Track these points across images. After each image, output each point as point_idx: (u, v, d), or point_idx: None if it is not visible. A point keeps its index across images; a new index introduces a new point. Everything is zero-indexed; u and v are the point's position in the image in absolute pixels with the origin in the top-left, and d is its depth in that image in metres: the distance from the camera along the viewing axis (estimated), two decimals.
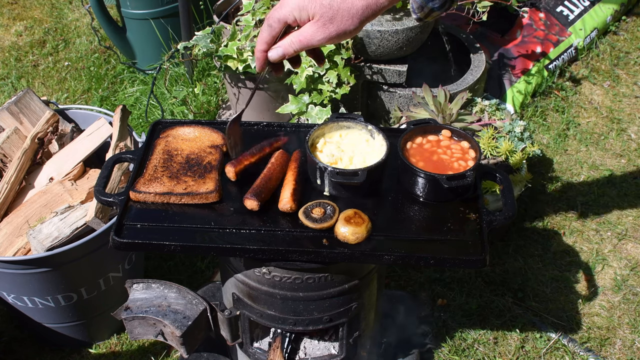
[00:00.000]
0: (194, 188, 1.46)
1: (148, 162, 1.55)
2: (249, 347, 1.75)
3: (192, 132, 1.64)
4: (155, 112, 3.29)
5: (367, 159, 1.50)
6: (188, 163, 1.54)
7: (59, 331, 2.20)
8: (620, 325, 2.34)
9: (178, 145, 1.60)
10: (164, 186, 1.47)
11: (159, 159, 1.55)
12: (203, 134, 1.63)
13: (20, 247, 2.01)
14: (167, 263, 2.56)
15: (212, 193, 1.44)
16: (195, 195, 1.44)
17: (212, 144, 1.60)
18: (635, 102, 3.44)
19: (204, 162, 1.54)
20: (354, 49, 2.69)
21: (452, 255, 1.36)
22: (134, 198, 1.46)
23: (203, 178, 1.49)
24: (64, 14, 4.38)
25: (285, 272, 1.46)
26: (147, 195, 1.45)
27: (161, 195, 1.44)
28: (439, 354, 2.24)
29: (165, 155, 1.56)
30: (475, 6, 2.81)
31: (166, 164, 1.54)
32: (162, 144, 1.60)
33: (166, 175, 1.50)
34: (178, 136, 1.63)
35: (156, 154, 1.57)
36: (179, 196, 1.44)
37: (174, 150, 1.58)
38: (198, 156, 1.56)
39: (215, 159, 1.56)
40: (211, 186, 1.46)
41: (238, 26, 2.80)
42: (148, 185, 1.47)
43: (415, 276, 2.51)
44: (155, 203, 1.45)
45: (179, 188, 1.46)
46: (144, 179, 1.49)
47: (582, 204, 2.82)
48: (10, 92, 3.58)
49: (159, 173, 1.51)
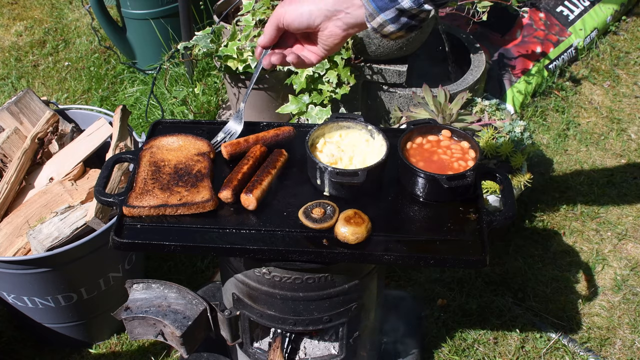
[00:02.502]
0: (189, 198, 1.43)
1: (136, 175, 1.50)
2: (249, 347, 1.75)
3: (176, 141, 1.60)
4: (155, 112, 3.29)
5: (367, 159, 1.50)
6: (177, 173, 1.51)
7: (59, 331, 2.20)
8: (620, 325, 2.34)
9: (163, 155, 1.56)
10: (157, 198, 1.43)
11: (147, 171, 1.51)
12: (187, 142, 1.59)
13: (20, 247, 2.01)
14: (167, 263, 2.56)
15: (209, 202, 1.42)
16: (192, 205, 1.42)
17: (198, 152, 1.57)
18: (635, 102, 3.44)
19: (194, 170, 1.51)
20: (354, 49, 2.69)
21: (452, 255, 1.36)
22: (128, 213, 1.42)
23: (196, 187, 1.46)
24: (64, 14, 4.38)
25: (285, 272, 1.46)
26: (141, 210, 1.41)
27: (156, 208, 1.41)
28: (439, 354, 2.24)
29: (153, 167, 1.52)
30: (475, 6, 2.81)
31: (155, 176, 1.50)
32: (147, 156, 1.55)
33: (157, 187, 1.46)
34: (162, 147, 1.58)
35: (143, 166, 1.52)
36: (174, 207, 1.42)
37: (160, 161, 1.54)
38: (186, 165, 1.53)
39: (205, 166, 1.52)
40: (206, 195, 1.44)
41: (238, 26, 2.80)
42: (141, 199, 1.43)
43: (415, 276, 2.51)
44: (151, 216, 1.42)
45: (173, 199, 1.43)
46: (135, 192, 1.45)
47: (582, 204, 2.82)
48: (10, 92, 3.58)
49: (149, 186, 1.47)
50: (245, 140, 1.58)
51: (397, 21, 1.23)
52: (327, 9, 1.28)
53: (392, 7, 1.21)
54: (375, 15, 1.24)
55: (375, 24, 1.25)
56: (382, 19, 1.23)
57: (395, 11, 1.22)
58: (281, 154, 1.55)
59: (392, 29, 1.25)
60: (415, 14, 1.22)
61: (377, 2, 1.22)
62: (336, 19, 1.30)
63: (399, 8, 1.21)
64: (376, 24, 1.25)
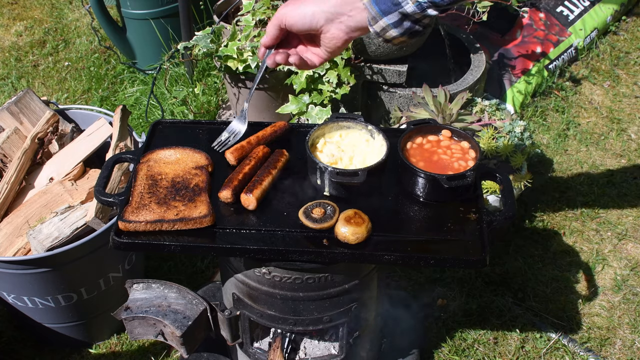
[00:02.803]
0: (186, 213, 1.40)
1: (132, 189, 1.47)
2: (249, 347, 1.75)
3: (174, 154, 1.57)
4: (156, 112, 3.29)
5: (367, 159, 1.50)
6: (174, 187, 1.48)
7: (59, 331, 2.20)
8: (620, 325, 2.34)
9: (161, 169, 1.53)
10: (154, 213, 1.40)
11: (144, 185, 1.48)
12: (185, 155, 1.57)
13: (21, 247, 2.01)
14: (167, 263, 2.56)
15: (206, 217, 1.39)
16: (189, 221, 1.39)
17: (196, 165, 1.54)
18: (635, 102, 3.44)
19: (191, 184, 1.48)
20: (354, 49, 2.69)
21: (452, 255, 1.36)
22: (124, 228, 1.38)
23: (193, 202, 1.43)
24: (64, 14, 4.38)
25: (285, 272, 1.46)
26: (137, 225, 1.38)
27: (152, 224, 1.38)
28: (439, 354, 2.24)
29: (150, 180, 1.49)
30: (475, 6, 2.81)
31: (152, 190, 1.47)
32: (144, 169, 1.53)
33: (154, 202, 1.43)
34: (159, 160, 1.56)
35: (139, 180, 1.49)
36: (171, 223, 1.39)
37: (157, 174, 1.51)
38: (184, 179, 1.50)
39: (202, 180, 1.50)
40: (204, 210, 1.41)
41: (238, 26, 2.80)
42: (137, 214, 1.40)
43: (415, 276, 2.51)
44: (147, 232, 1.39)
45: (170, 214, 1.40)
46: (131, 207, 1.42)
47: (582, 204, 2.82)
48: (10, 92, 3.58)
49: (145, 200, 1.44)
50: (248, 142, 1.58)
51: (400, 25, 1.22)
52: (330, 11, 1.27)
53: (395, 10, 1.20)
54: (378, 18, 1.23)
55: (377, 27, 1.24)
56: (384, 22, 1.23)
57: (398, 15, 1.21)
58: (282, 154, 1.55)
59: (394, 34, 1.24)
60: (418, 18, 1.22)
61: (380, 5, 1.21)
62: (338, 21, 1.28)
63: (402, 12, 1.20)
64: (379, 28, 1.24)
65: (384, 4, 1.21)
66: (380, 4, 1.21)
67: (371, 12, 1.23)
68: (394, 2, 1.20)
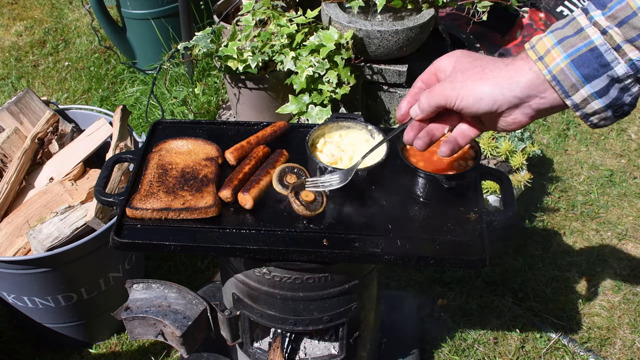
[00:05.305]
0: (192, 203, 1.43)
1: (142, 177, 1.50)
2: (249, 347, 1.75)
3: (186, 145, 1.59)
4: (156, 112, 3.29)
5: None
6: (184, 177, 1.50)
7: (59, 331, 2.20)
8: (620, 325, 2.34)
9: (172, 159, 1.55)
10: (161, 202, 1.43)
11: (154, 174, 1.51)
12: (197, 146, 1.59)
13: (21, 247, 2.01)
14: (167, 263, 2.56)
15: (212, 207, 1.41)
16: (194, 210, 1.41)
17: (206, 157, 1.56)
18: None
19: (200, 175, 1.51)
20: (354, 49, 2.69)
21: (452, 255, 1.35)
22: (131, 215, 1.41)
23: (200, 192, 1.45)
24: (64, 14, 4.38)
25: (285, 272, 1.46)
26: (144, 212, 1.41)
27: (159, 211, 1.41)
28: (439, 354, 2.24)
29: (160, 169, 1.52)
30: (475, 6, 2.82)
31: (161, 179, 1.49)
32: (156, 158, 1.55)
33: (162, 190, 1.46)
34: (171, 150, 1.58)
35: (150, 168, 1.52)
36: (177, 211, 1.41)
37: (168, 164, 1.54)
38: (193, 170, 1.52)
39: (212, 171, 1.52)
40: (210, 200, 1.43)
41: (238, 26, 2.80)
42: (145, 202, 1.43)
43: (415, 276, 2.51)
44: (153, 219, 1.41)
45: (176, 203, 1.43)
46: (139, 195, 1.44)
47: (582, 204, 2.82)
48: (10, 92, 3.58)
49: (154, 188, 1.47)
50: (248, 142, 1.58)
51: (607, 94, 0.99)
52: (516, 96, 1.06)
53: (602, 74, 0.98)
54: (580, 86, 1.00)
55: (578, 98, 1.01)
56: (587, 91, 1.00)
57: (606, 79, 0.98)
58: (282, 154, 1.56)
59: (597, 106, 1.01)
60: (627, 85, 0.99)
61: (581, 70, 0.99)
62: (526, 105, 1.07)
63: (611, 75, 0.98)
64: (579, 99, 1.01)
65: (588, 67, 0.98)
66: (582, 68, 0.99)
67: (571, 78, 1.00)
68: (601, 64, 0.98)
